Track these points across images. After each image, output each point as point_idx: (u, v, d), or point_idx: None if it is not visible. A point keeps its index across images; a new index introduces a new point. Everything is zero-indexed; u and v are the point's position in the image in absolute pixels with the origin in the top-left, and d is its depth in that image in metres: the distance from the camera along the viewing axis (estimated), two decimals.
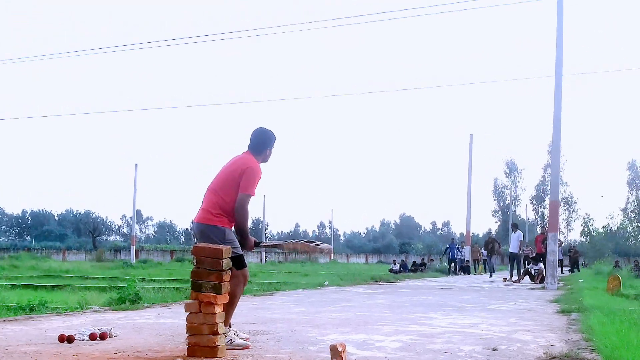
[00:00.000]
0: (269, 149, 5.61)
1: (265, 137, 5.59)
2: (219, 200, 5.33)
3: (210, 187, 5.45)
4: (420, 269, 32.47)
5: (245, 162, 5.42)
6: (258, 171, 5.40)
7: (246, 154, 5.52)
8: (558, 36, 16.82)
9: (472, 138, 34.83)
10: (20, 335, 5.78)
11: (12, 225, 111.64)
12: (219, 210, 5.31)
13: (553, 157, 17.93)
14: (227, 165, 5.51)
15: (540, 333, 6.48)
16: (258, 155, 5.53)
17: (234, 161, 5.50)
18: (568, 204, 75.32)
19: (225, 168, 5.49)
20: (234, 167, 5.43)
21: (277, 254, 70.92)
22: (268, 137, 5.60)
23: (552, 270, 16.35)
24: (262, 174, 5.44)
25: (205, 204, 5.40)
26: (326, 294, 12.61)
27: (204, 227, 5.30)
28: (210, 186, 5.46)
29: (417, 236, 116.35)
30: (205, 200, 5.43)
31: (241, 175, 5.32)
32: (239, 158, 5.50)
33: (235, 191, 5.31)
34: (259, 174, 5.40)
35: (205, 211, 5.35)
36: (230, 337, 5.14)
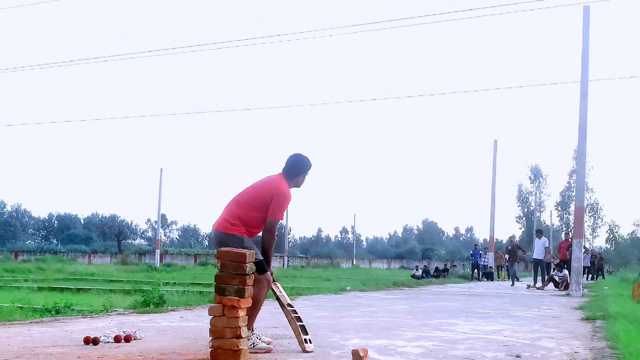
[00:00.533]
0: (303, 176, 5.66)
1: (300, 164, 5.65)
2: (240, 213, 5.40)
3: (235, 199, 5.51)
4: (443, 274, 32.29)
5: (277, 186, 5.46)
6: (288, 197, 5.47)
7: (280, 177, 5.56)
8: (584, 41, 16.68)
9: (497, 144, 34.62)
10: (46, 337, 5.87)
11: (39, 229, 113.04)
12: (238, 221, 5.39)
13: (578, 163, 17.77)
14: (259, 183, 5.56)
15: (564, 340, 6.43)
16: (291, 180, 5.58)
17: (267, 181, 5.55)
18: (593, 210, 74.40)
19: (256, 185, 5.54)
20: (265, 187, 5.48)
21: (300, 259, 70.96)
22: (304, 163, 5.66)
23: (576, 277, 16.19)
24: (291, 198, 5.51)
25: (226, 214, 5.47)
26: (348, 299, 12.61)
27: (222, 235, 5.38)
28: (235, 197, 5.52)
29: (439, 242, 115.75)
30: (227, 209, 5.50)
31: (271, 198, 5.38)
32: (272, 180, 5.54)
33: (259, 210, 5.37)
34: (288, 199, 5.48)
35: (225, 220, 5.43)
36: (253, 340, 5.18)
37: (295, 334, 5.44)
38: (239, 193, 5.54)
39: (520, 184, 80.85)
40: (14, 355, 4.73)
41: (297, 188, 5.66)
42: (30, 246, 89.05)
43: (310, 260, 69.77)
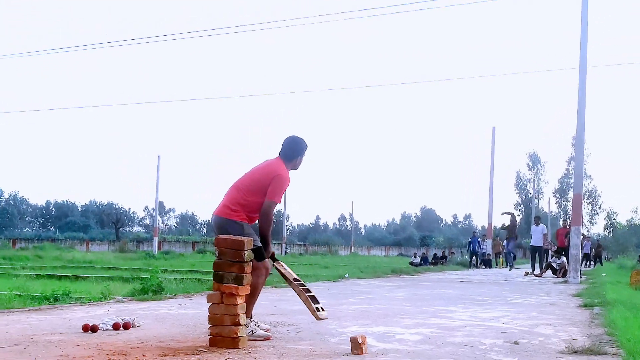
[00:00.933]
0: (300, 157, 5.64)
1: (297, 146, 5.62)
2: (240, 199, 5.39)
3: (235, 185, 5.49)
4: (441, 262, 32.37)
5: (276, 169, 5.44)
6: (287, 179, 5.45)
7: (277, 160, 5.54)
8: (583, 27, 16.62)
9: (495, 130, 34.60)
10: (45, 325, 5.87)
11: (37, 216, 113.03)
12: (238, 207, 5.37)
13: (577, 150, 17.75)
14: (258, 167, 5.54)
15: (562, 327, 6.44)
16: (288, 162, 5.56)
17: (265, 165, 5.52)
18: (592, 198, 74.56)
19: (255, 170, 5.53)
20: (265, 171, 5.46)
21: (298, 246, 71.06)
22: (300, 145, 5.64)
23: (574, 264, 16.22)
24: (290, 181, 5.49)
25: (226, 200, 5.46)
26: (346, 287, 12.63)
27: (222, 221, 5.36)
28: (235, 183, 5.50)
29: (438, 229, 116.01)
30: (227, 195, 5.48)
31: (270, 181, 5.36)
32: (270, 163, 5.52)
33: (259, 194, 5.35)
34: (287, 182, 5.45)
35: (225, 206, 5.41)
36: (251, 328, 5.18)
37: (307, 305, 5.46)
38: (239, 179, 5.53)
39: (518, 171, 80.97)
40: (12, 343, 4.73)
41: (294, 170, 5.65)
42: (28, 234, 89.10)
43: (309, 247, 69.95)
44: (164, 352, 4.45)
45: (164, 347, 4.67)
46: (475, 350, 4.83)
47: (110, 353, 4.37)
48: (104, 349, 4.55)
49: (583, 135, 16.99)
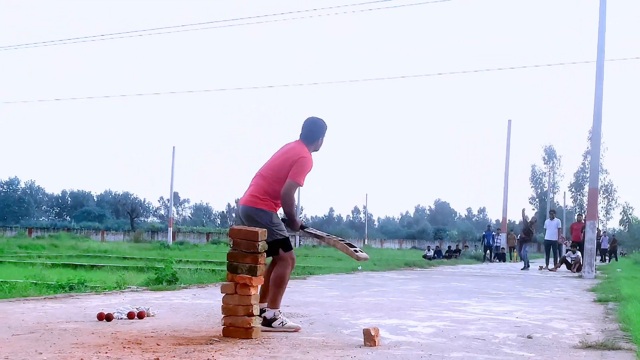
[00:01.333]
0: (321, 138, 5.60)
1: (317, 127, 5.58)
2: (266, 186, 5.35)
3: (260, 173, 5.47)
4: (455, 255, 32.31)
5: (299, 152, 5.40)
6: (310, 161, 5.40)
7: (298, 143, 5.50)
8: (600, 21, 16.46)
9: (511, 124, 34.39)
10: (60, 313, 5.92)
11: (52, 206, 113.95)
12: (266, 195, 5.33)
13: (593, 144, 17.62)
14: (279, 153, 5.50)
15: (576, 322, 6.41)
16: (310, 144, 5.52)
17: (287, 150, 5.48)
18: (607, 192, 74.01)
19: (277, 155, 5.49)
20: (287, 155, 5.41)
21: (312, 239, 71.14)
22: (320, 126, 5.59)
23: (589, 258, 16.13)
24: (313, 164, 5.44)
25: (253, 188, 5.41)
26: (359, 279, 12.64)
27: (250, 210, 5.32)
28: (259, 171, 5.48)
29: (452, 222, 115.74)
30: (254, 184, 5.45)
31: (293, 164, 5.33)
32: (292, 147, 5.48)
33: (284, 181, 5.31)
34: (310, 164, 5.40)
35: (253, 195, 5.37)
36: (281, 319, 5.20)
37: (345, 251, 5.51)
38: (262, 167, 5.49)
39: (533, 164, 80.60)
40: (28, 331, 4.78)
41: (316, 152, 5.61)
42: (44, 223, 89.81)
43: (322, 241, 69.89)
44: (178, 342, 4.48)
45: (178, 337, 4.70)
46: (488, 343, 4.82)
47: (124, 342, 4.40)
48: (119, 337, 4.59)
49: (600, 129, 16.85)
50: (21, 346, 4.15)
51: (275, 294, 5.26)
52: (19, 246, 28.28)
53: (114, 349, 4.14)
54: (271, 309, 5.25)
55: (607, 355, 4.44)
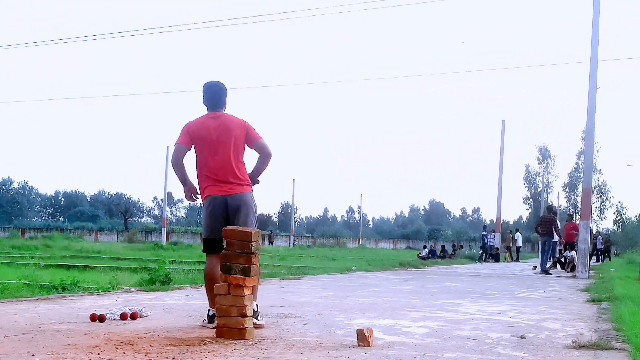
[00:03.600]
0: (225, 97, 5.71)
1: (223, 90, 5.65)
2: (240, 167, 5.47)
3: (223, 158, 5.41)
4: (450, 255, 32.35)
5: (239, 120, 5.54)
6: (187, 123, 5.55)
7: (226, 114, 5.58)
8: (594, 21, 16.52)
9: (505, 124, 34.48)
10: (53, 314, 5.90)
11: (46, 206, 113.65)
12: (243, 175, 5.49)
13: (586, 144, 17.68)
14: (222, 131, 5.45)
15: (569, 322, 6.42)
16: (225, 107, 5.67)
17: (228, 123, 5.49)
18: (601, 192, 74.21)
19: (229, 138, 5.44)
20: (235, 128, 5.47)
21: (306, 238, 71.11)
22: (225, 88, 5.68)
23: (583, 258, 16.18)
24: (190, 123, 5.56)
25: (230, 175, 5.41)
26: (354, 279, 12.64)
27: (246, 197, 5.43)
28: (219, 157, 5.41)
29: (446, 222, 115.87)
30: (229, 173, 5.41)
31: (246, 131, 5.49)
32: (229, 120, 5.52)
33: (244, 151, 5.48)
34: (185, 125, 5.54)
35: (238, 179, 5.43)
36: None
37: None
38: (216, 152, 5.42)
39: (527, 164, 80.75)
40: (21, 332, 4.76)
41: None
42: (37, 223, 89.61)
43: (317, 239, 70.07)
44: (171, 343, 4.46)
45: (171, 338, 4.69)
46: (481, 344, 4.82)
47: (117, 343, 4.38)
48: (112, 338, 4.57)
49: (593, 129, 16.90)
50: (13, 347, 4.13)
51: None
52: (11, 246, 28.20)
53: (106, 350, 4.12)
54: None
55: (600, 355, 4.44)
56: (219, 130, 5.44)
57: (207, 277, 5.48)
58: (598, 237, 34.82)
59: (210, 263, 5.51)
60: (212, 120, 5.49)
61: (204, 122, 5.49)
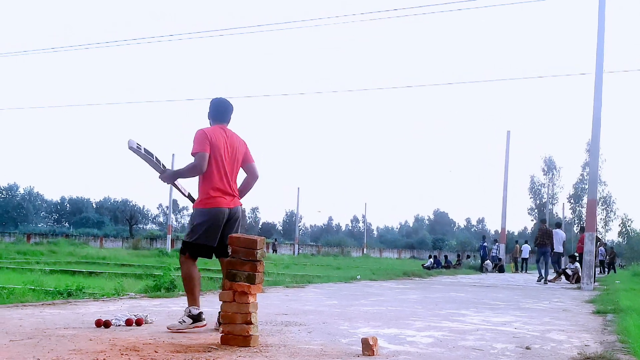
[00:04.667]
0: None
1: (232, 108, 5.88)
2: (236, 184, 5.77)
3: (232, 171, 5.69)
4: (454, 265, 32.27)
5: (242, 139, 5.83)
6: (197, 132, 5.67)
7: (232, 130, 5.80)
8: (599, 32, 16.52)
9: (510, 134, 34.45)
10: (58, 319, 5.91)
11: (51, 212, 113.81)
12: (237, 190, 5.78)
13: (592, 156, 17.63)
14: (233, 146, 5.71)
15: (574, 333, 6.41)
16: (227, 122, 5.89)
17: (238, 144, 5.75)
18: (606, 204, 73.95)
19: (235, 153, 5.71)
20: (241, 148, 5.78)
21: (311, 247, 71.03)
22: (232, 107, 5.89)
23: (588, 270, 16.12)
24: (204, 132, 5.67)
25: (235, 189, 5.73)
26: (358, 288, 12.63)
27: (242, 209, 5.75)
28: (229, 170, 5.66)
29: (450, 232, 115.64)
30: (233, 184, 5.71)
31: (245, 151, 5.80)
32: (237, 137, 5.78)
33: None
34: (197, 134, 5.67)
35: (236, 194, 5.73)
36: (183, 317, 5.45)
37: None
38: (231, 167, 5.69)
39: (532, 175, 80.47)
40: (26, 336, 4.77)
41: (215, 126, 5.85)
42: (43, 229, 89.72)
43: (321, 248, 69.93)
44: (176, 349, 4.47)
45: (176, 344, 4.69)
46: (486, 354, 4.82)
47: (122, 348, 4.39)
48: (117, 344, 4.58)
49: (598, 141, 16.87)
50: (19, 352, 4.14)
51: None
52: (17, 252, 28.24)
53: (111, 355, 4.13)
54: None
55: None
56: (230, 144, 5.69)
57: (188, 277, 5.63)
58: (600, 249, 34.73)
59: (193, 265, 5.68)
60: (223, 132, 5.70)
61: (220, 134, 5.67)
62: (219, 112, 5.80)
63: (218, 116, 5.80)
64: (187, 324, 5.40)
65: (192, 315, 5.43)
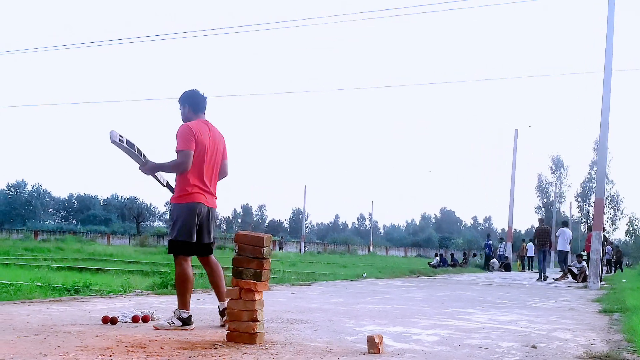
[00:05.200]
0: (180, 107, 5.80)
1: (205, 97, 5.77)
2: (216, 182, 5.70)
3: (213, 168, 5.61)
4: (460, 264, 32.24)
5: (221, 133, 5.71)
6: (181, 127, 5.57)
7: (212, 125, 5.68)
8: (608, 31, 16.46)
9: (517, 133, 34.40)
10: (65, 316, 5.94)
11: (59, 209, 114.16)
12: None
13: (599, 154, 17.58)
14: (215, 141, 5.59)
15: (580, 332, 6.40)
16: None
17: (219, 139, 5.65)
18: (614, 203, 73.74)
19: (217, 149, 5.61)
20: (222, 142, 5.68)
21: (317, 245, 71.05)
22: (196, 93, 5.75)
23: (595, 269, 16.08)
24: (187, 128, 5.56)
25: (215, 188, 5.69)
26: (364, 286, 12.63)
27: (215, 213, 5.73)
28: (211, 167, 5.58)
29: (457, 231, 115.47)
30: (214, 184, 5.67)
31: (224, 146, 5.71)
32: (217, 130, 5.67)
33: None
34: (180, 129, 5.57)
35: (215, 193, 5.71)
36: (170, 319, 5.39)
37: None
38: (214, 164, 5.60)
39: (540, 173, 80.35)
40: (33, 333, 4.80)
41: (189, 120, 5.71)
42: (50, 226, 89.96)
43: (327, 246, 69.98)
44: (182, 346, 4.49)
45: (182, 341, 4.71)
46: (492, 352, 4.81)
47: (129, 345, 4.41)
48: (123, 340, 4.60)
49: (606, 140, 16.83)
50: (25, 348, 4.16)
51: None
52: (25, 249, 28.32)
53: (118, 352, 4.15)
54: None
55: None
56: (213, 139, 5.57)
57: (182, 278, 5.50)
58: (607, 248, 34.67)
59: (186, 264, 5.56)
60: (207, 127, 5.58)
61: (203, 128, 5.54)
62: (197, 104, 5.64)
63: (197, 108, 5.64)
64: (176, 326, 5.27)
65: (181, 318, 5.32)
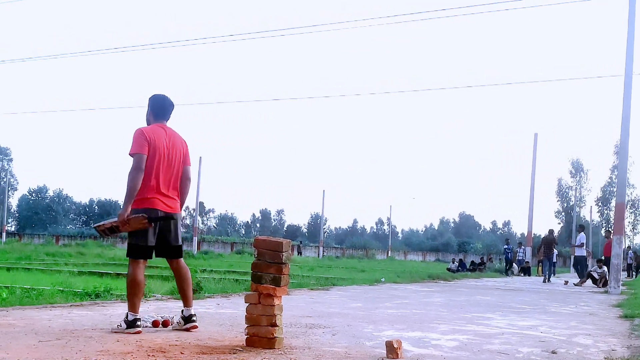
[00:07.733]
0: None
1: (171, 103, 5.75)
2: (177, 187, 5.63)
3: (173, 173, 5.54)
4: (479, 268, 32.06)
5: (182, 138, 5.67)
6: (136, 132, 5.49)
7: (171, 128, 5.65)
8: (629, 34, 16.32)
9: (537, 137, 34.16)
10: (86, 320, 5.99)
11: (80, 214, 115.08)
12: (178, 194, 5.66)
13: (620, 158, 17.44)
14: (173, 145, 5.54)
15: (601, 337, 6.35)
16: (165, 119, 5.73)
17: (179, 144, 5.60)
18: (634, 207, 73.03)
19: (175, 154, 5.54)
20: (182, 147, 5.62)
21: (335, 250, 70.98)
22: (162, 99, 5.74)
23: (615, 274, 15.93)
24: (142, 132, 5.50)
25: (175, 193, 5.60)
26: (382, 291, 12.62)
27: (178, 216, 5.63)
28: (169, 171, 5.51)
29: (476, 235, 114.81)
30: (173, 188, 5.58)
31: (185, 152, 5.64)
32: (177, 135, 5.63)
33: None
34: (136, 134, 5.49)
35: (177, 198, 5.63)
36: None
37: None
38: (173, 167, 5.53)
39: (560, 178, 79.84)
40: (55, 337, 4.85)
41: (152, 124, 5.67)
42: (71, 231, 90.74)
43: (346, 251, 69.88)
44: (202, 351, 4.52)
45: (202, 346, 4.74)
46: (512, 358, 4.80)
47: (149, 350, 4.45)
48: (143, 345, 4.64)
49: (627, 144, 16.68)
50: (47, 352, 4.22)
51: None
52: (46, 253, 28.58)
53: (138, 356, 4.19)
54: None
55: None
56: (170, 143, 5.53)
57: (134, 282, 5.50)
58: (628, 252, 34.35)
59: (138, 268, 5.56)
60: (164, 132, 5.55)
61: (159, 132, 5.50)
62: (160, 109, 5.61)
63: (159, 113, 5.61)
64: (122, 329, 5.28)
65: (127, 321, 5.32)
